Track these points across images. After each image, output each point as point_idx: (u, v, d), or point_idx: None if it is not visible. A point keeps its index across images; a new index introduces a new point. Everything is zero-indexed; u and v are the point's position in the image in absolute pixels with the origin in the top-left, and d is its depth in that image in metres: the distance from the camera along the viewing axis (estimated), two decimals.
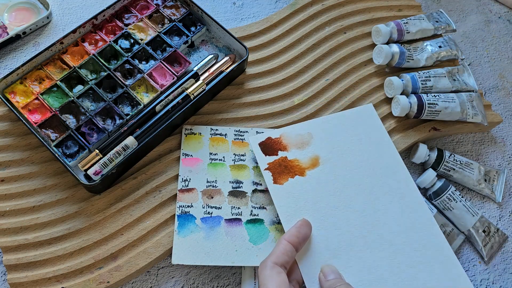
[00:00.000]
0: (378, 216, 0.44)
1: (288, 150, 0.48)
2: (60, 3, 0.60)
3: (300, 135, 0.49)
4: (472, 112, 0.53)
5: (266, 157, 0.48)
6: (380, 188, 0.46)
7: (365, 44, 0.59)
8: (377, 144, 0.48)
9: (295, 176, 0.46)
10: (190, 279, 0.46)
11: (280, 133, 0.49)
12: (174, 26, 0.55)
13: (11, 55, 0.56)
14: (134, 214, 0.46)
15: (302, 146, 0.48)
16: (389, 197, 0.45)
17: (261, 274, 0.37)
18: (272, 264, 0.37)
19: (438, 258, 0.42)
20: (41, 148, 0.49)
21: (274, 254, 0.38)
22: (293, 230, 0.40)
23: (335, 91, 0.56)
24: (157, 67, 0.52)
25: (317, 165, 0.47)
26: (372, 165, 0.47)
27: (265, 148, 0.48)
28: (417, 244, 0.43)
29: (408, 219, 0.44)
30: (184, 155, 0.49)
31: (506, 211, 0.53)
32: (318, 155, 0.47)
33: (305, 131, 0.49)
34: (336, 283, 0.38)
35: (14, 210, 0.46)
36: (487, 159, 0.56)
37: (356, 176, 0.46)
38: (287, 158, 0.47)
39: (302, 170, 0.47)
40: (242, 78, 0.55)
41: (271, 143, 0.48)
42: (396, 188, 0.46)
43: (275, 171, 0.47)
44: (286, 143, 0.48)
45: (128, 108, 0.50)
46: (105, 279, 0.43)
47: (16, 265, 0.43)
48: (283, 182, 0.46)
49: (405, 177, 0.47)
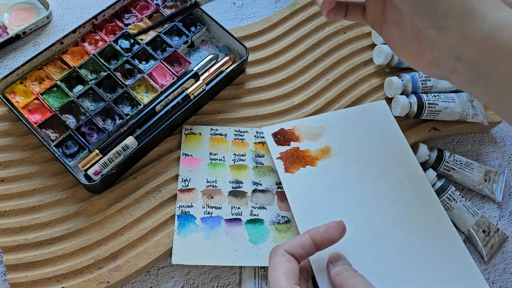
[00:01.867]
0: (389, 207, 0.44)
1: (300, 141, 0.49)
2: (60, 3, 0.60)
3: (313, 127, 0.50)
4: (472, 112, 0.53)
5: (279, 147, 0.48)
6: (392, 182, 0.46)
7: (365, 44, 0.59)
8: (390, 140, 0.49)
9: (306, 166, 0.47)
10: (190, 279, 0.46)
11: (293, 125, 0.50)
12: (174, 26, 0.55)
13: (11, 55, 0.56)
14: (134, 214, 0.46)
15: (314, 138, 0.49)
16: (400, 191, 0.45)
17: (271, 259, 0.37)
18: (283, 252, 0.36)
19: (451, 255, 0.42)
20: (41, 148, 0.49)
21: (289, 243, 0.37)
22: (321, 228, 0.38)
23: (335, 91, 0.56)
24: (157, 67, 0.52)
25: (328, 156, 0.48)
26: (384, 160, 0.47)
27: (278, 138, 0.49)
28: (428, 240, 0.43)
29: (421, 215, 0.44)
30: (184, 155, 0.49)
31: (506, 211, 0.53)
32: (330, 147, 0.48)
33: (318, 124, 0.50)
34: (344, 269, 0.37)
35: (14, 210, 0.46)
36: (487, 159, 0.56)
37: (368, 169, 0.47)
38: (299, 148, 0.48)
39: (313, 160, 0.47)
40: (242, 78, 0.55)
41: (284, 133, 0.49)
42: (408, 184, 0.46)
43: (286, 160, 0.47)
44: (299, 134, 0.49)
45: (128, 108, 0.50)
46: (105, 279, 0.43)
47: (16, 265, 0.43)
48: (295, 171, 0.47)
49: (418, 174, 0.47)
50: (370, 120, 0.50)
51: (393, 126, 0.50)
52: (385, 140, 0.49)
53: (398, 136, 0.49)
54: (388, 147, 0.48)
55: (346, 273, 0.37)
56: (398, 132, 0.49)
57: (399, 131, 0.50)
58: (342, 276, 0.37)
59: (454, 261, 0.42)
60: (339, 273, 0.37)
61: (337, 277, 0.37)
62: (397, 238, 0.43)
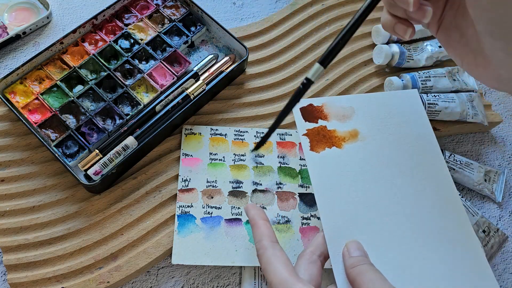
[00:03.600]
0: (410, 200, 0.43)
1: (328, 120, 0.47)
2: (60, 3, 0.60)
3: (343, 108, 0.48)
4: (472, 112, 0.53)
5: (306, 123, 0.47)
6: (415, 174, 0.45)
7: (365, 44, 0.59)
8: (418, 131, 0.47)
9: (332, 147, 0.46)
10: (190, 279, 0.46)
11: (323, 102, 0.48)
12: (174, 26, 0.55)
13: (11, 55, 0.56)
14: (134, 214, 0.46)
15: (342, 118, 0.47)
16: (423, 184, 0.44)
17: (263, 255, 0.36)
18: (271, 243, 0.36)
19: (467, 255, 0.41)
20: (41, 148, 0.49)
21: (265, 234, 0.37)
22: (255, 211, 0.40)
23: (335, 91, 0.56)
24: (157, 67, 0.52)
25: (355, 140, 0.46)
26: (410, 151, 0.46)
27: (305, 113, 0.48)
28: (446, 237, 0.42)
29: (440, 210, 0.43)
30: (184, 155, 0.49)
31: (506, 211, 0.53)
32: (357, 130, 0.47)
33: (348, 105, 0.48)
34: (360, 261, 0.36)
35: (14, 210, 0.46)
36: (487, 159, 0.56)
37: (393, 158, 0.46)
38: (327, 127, 0.47)
39: (340, 142, 0.46)
40: (242, 78, 0.55)
41: (313, 110, 0.48)
42: (431, 178, 0.45)
43: (313, 138, 0.46)
44: (327, 112, 0.48)
45: (128, 108, 0.50)
46: (105, 279, 0.43)
47: (16, 265, 0.43)
48: (320, 150, 0.45)
49: (441, 168, 0.46)
50: (401, 108, 0.48)
51: (423, 118, 0.48)
52: (414, 130, 0.47)
53: (427, 128, 0.47)
54: (415, 139, 0.47)
55: (362, 266, 0.35)
56: (427, 125, 0.48)
57: (428, 124, 0.48)
58: (358, 269, 0.35)
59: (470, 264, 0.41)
60: (355, 265, 0.35)
61: (352, 269, 0.35)
62: (416, 233, 0.41)
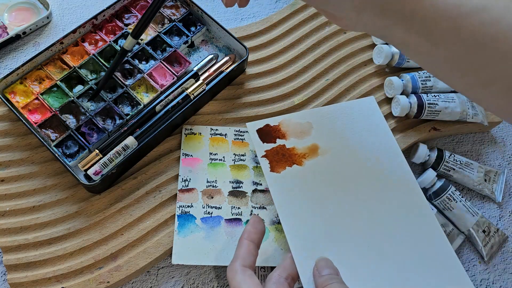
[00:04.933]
0: (376, 209, 0.43)
1: (287, 138, 0.47)
2: (60, 3, 0.60)
3: (300, 124, 0.48)
4: (472, 112, 0.53)
5: (264, 144, 0.47)
6: (380, 181, 0.45)
7: (365, 44, 0.59)
8: (378, 138, 0.47)
9: (293, 165, 0.45)
10: (190, 279, 0.46)
11: (279, 121, 0.48)
12: (174, 26, 0.55)
13: (11, 55, 0.56)
14: (134, 214, 0.46)
15: (301, 135, 0.47)
16: (388, 190, 0.44)
17: (233, 279, 0.35)
18: (242, 268, 0.36)
19: (438, 257, 0.41)
20: (41, 148, 0.49)
21: (240, 257, 0.37)
22: (250, 228, 0.39)
23: (335, 91, 0.56)
24: (157, 67, 0.52)
25: (315, 155, 0.46)
26: (372, 159, 0.46)
27: (263, 134, 0.47)
28: (416, 241, 0.42)
29: (408, 215, 0.43)
30: (184, 155, 0.49)
31: (506, 211, 0.53)
32: (317, 144, 0.46)
33: (304, 120, 0.48)
34: (330, 280, 0.36)
35: (14, 210, 0.46)
36: (487, 159, 0.56)
37: (356, 168, 0.45)
38: (286, 146, 0.46)
39: (300, 159, 0.46)
40: (242, 78, 0.55)
41: (269, 130, 0.48)
42: (396, 183, 0.45)
43: (272, 159, 0.46)
44: (285, 130, 0.48)
45: (128, 108, 0.50)
46: (105, 279, 0.43)
47: (16, 265, 0.43)
48: (281, 170, 0.45)
49: (405, 172, 0.46)
50: (359, 118, 0.48)
51: (382, 123, 0.48)
52: (374, 138, 0.47)
53: (387, 134, 0.47)
54: (376, 145, 0.47)
55: (332, 285, 0.35)
56: (386, 130, 0.48)
57: (388, 129, 0.48)
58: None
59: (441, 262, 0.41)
60: (324, 284, 0.35)
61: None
62: (385, 241, 0.41)
